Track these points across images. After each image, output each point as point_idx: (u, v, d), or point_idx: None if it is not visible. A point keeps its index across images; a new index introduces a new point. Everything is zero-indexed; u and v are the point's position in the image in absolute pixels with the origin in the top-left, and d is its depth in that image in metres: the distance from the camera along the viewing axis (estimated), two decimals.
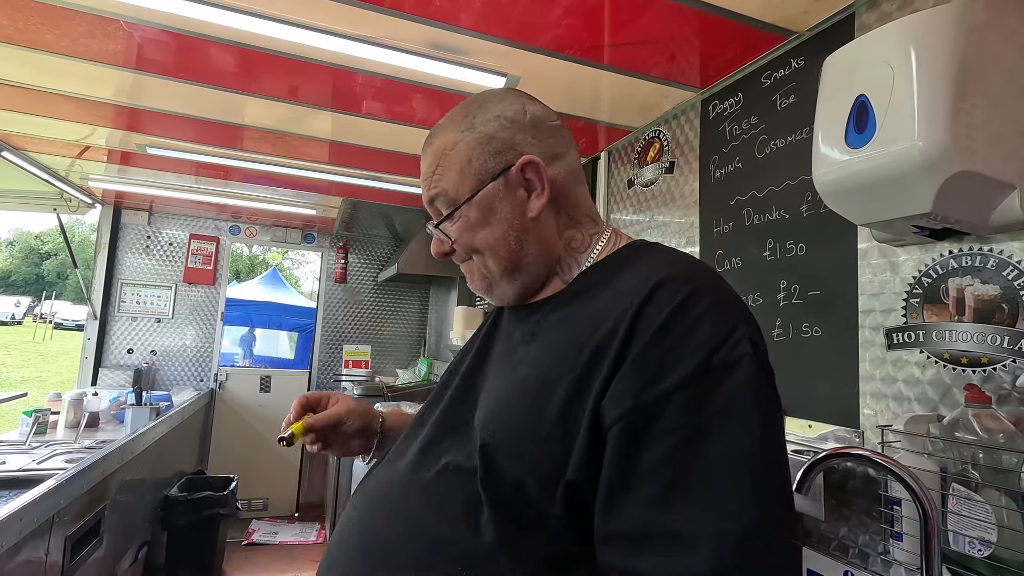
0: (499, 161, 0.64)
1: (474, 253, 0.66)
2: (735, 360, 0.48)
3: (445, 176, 0.65)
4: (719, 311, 0.51)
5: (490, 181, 0.64)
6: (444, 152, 0.66)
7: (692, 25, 1.34)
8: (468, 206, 0.64)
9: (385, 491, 0.63)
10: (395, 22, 1.37)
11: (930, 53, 0.82)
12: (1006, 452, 0.82)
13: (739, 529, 0.42)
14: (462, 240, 0.66)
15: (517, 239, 0.64)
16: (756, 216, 1.43)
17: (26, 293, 26.93)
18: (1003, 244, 0.92)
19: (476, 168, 0.64)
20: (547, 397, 0.53)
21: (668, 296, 0.51)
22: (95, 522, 1.90)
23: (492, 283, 0.67)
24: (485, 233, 0.64)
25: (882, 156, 0.85)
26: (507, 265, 0.65)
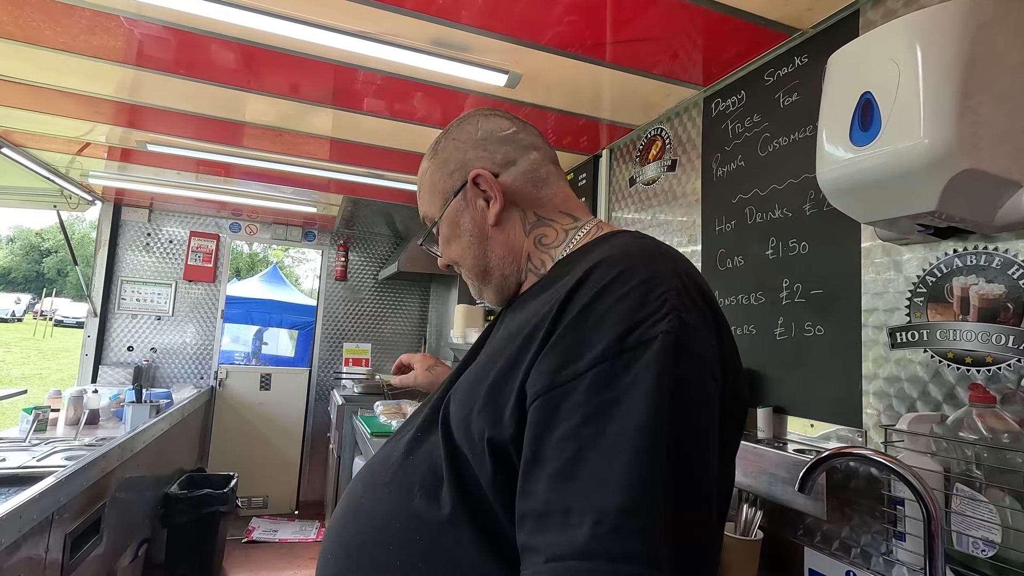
0: (455, 179, 0.72)
1: (454, 264, 0.75)
2: (650, 338, 0.47)
3: (423, 200, 0.76)
4: (645, 289, 0.50)
5: (452, 198, 0.72)
6: (421, 178, 0.76)
7: (695, 22, 1.33)
8: (441, 224, 0.74)
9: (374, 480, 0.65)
10: (397, 18, 1.36)
11: (936, 50, 0.81)
12: (1011, 452, 0.81)
13: (620, 505, 0.42)
14: (444, 254, 0.76)
15: (480, 246, 0.71)
16: (758, 214, 1.43)
17: (26, 290, 26.92)
18: (1008, 243, 0.92)
19: (440, 189, 0.73)
20: (486, 375, 0.56)
21: (598, 277, 0.52)
22: (95, 519, 1.90)
23: (480, 290, 0.75)
24: (455, 245, 0.73)
25: (887, 154, 0.84)
26: (477, 271, 0.72)
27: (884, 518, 1.01)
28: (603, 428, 0.45)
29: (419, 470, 0.59)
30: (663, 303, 0.49)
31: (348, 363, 4.13)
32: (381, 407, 2.88)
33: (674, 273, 0.52)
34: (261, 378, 4.14)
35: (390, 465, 0.63)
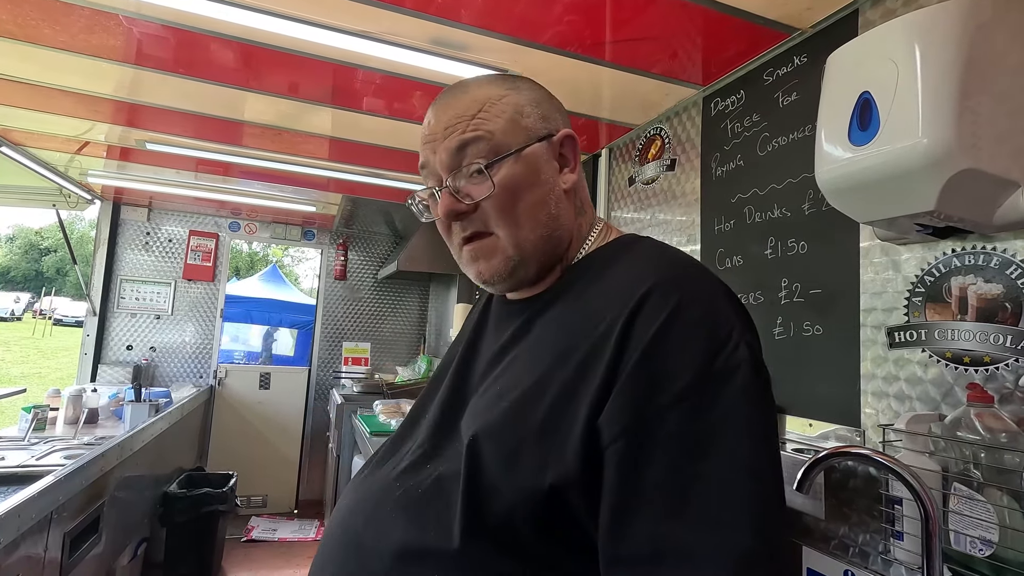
0: (545, 126, 0.62)
1: (505, 220, 0.59)
2: (733, 367, 0.46)
3: (491, 121, 0.59)
4: (713, 315, 0.49)
5: (536, 141, 0.61)
6: (488, 100, 0.60)
7: (694, 21, 1.33)
8: (516, 158, 0.59)
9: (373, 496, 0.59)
10: (396, 18, 1.36)
11: (935, 50, 0.81)
12: (1008, 452, 0.82)
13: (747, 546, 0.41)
14: (501, 199, 0.58)
15: (556, 204, 0.61)
16: (757, 214, 1.43)
17: (25, 289, 26.91)
18: (1007, 243, 0.92)
19: (527, 123, 0.61)
20: (534, 401, 0.51)
21: (660, 303, 0.49)
22: (94, 518, 1.90)
23: (518, 264, 0.60)
24: (530, 193, 0.59)
25: (886, 153, 0.84)
26: (544, 233, 0.60)
27: (882, 517, 1.01)
28: (706, 464, 0.43)
29: (432, 504, 0.53)
30: (732, 328, 0.49)
31: (347, 362, 4.13)
32: (380, 406, 2.88)
33: (726, 294, 0.53)
34: (260, 377, 4.14)
35: (393, 494, 0.57)
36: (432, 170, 0.63)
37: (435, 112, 0.63)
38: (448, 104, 0.62)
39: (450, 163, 0.60)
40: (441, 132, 0.61)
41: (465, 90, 0.62)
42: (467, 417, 0.57)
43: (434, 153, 0.62)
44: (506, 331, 0.63)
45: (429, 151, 0.62)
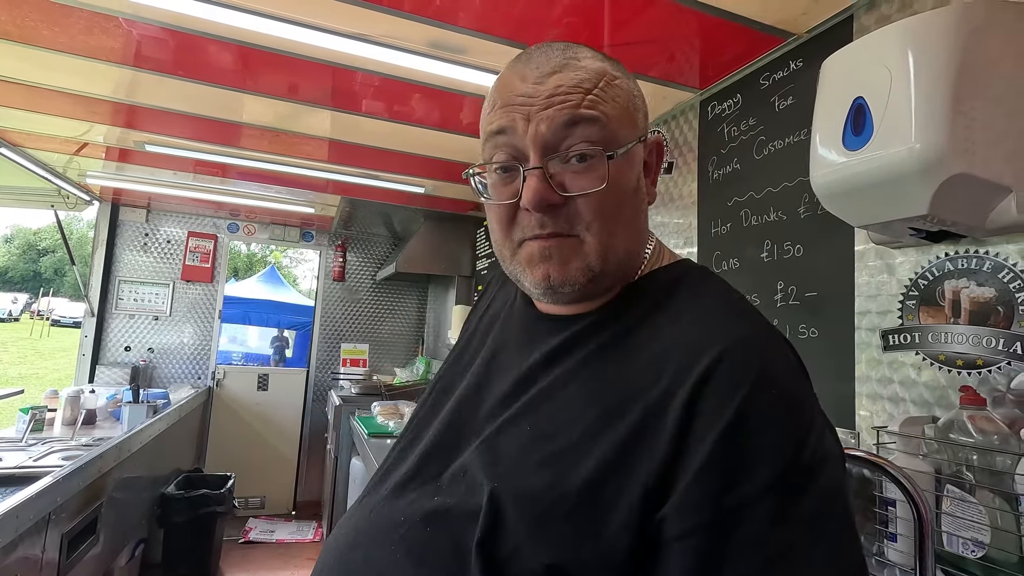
0: (643, 127, 0.53)
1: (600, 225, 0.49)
2: (822, 458, 0.40)
3: (608, 103, 0.49)
4: (796, 396, 0.43)
5: (638, 141, 0.51)
6: (605, 77, 0.50)
7: (691, 25, 1.34)
8: (627, 155, 0.50)
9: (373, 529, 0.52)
10: (395, 21, 1.37)
11: (928, 56, 0.82)
12: (1000, 454, 0.82)
13: None
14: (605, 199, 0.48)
15: (644, 218, 0.54)
16: (754, 217, 1.44)
17: (23, 290, 26.86)
18: (999, 247, 0.93)
19: (637, 119, 0.52)
20: (574, 462, 0.44)
21: (736, 375, 0.42)
22: (91, 519, 1.90)
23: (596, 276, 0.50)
24: (632, 200, 0.51)
25: (879, 158, 0.85)
26: (633, 248, 0.52)
27: (876, 519, 1.01)
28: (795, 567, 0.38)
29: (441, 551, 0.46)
30: (815, 412, 0.43)
31: (346, 364, 4.13)
32: (378, 408, 2.88)
33: (798, 363, 0.46)
34: (258, 378, 4.14)
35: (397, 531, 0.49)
36: (516, 141, 0.49)
37: (532, 70, 0.50)
38: (556, 66, 0.49)
39: (550, 140, 0.48)
40: (543, 98, 0.48)
41: (575, 55, 0.50)
42: (485, 453, 0.49)
43: (527, 120, 0.48)
44: (536, 350, 0.54)
45: (519, 116, 0.49)
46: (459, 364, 0.64)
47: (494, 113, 0.51)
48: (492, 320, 0.65)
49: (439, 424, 0.57)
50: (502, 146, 0.50)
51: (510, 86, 0.51)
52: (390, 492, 0.54)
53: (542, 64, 0.50)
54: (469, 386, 0.58)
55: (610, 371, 0.48)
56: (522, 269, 0.52)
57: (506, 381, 0.54)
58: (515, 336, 0.59)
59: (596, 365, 0.49)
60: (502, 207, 0.51)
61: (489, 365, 0.58)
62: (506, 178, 0.51)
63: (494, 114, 0.51)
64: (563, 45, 0.52)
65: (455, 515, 0.47)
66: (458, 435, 0.54)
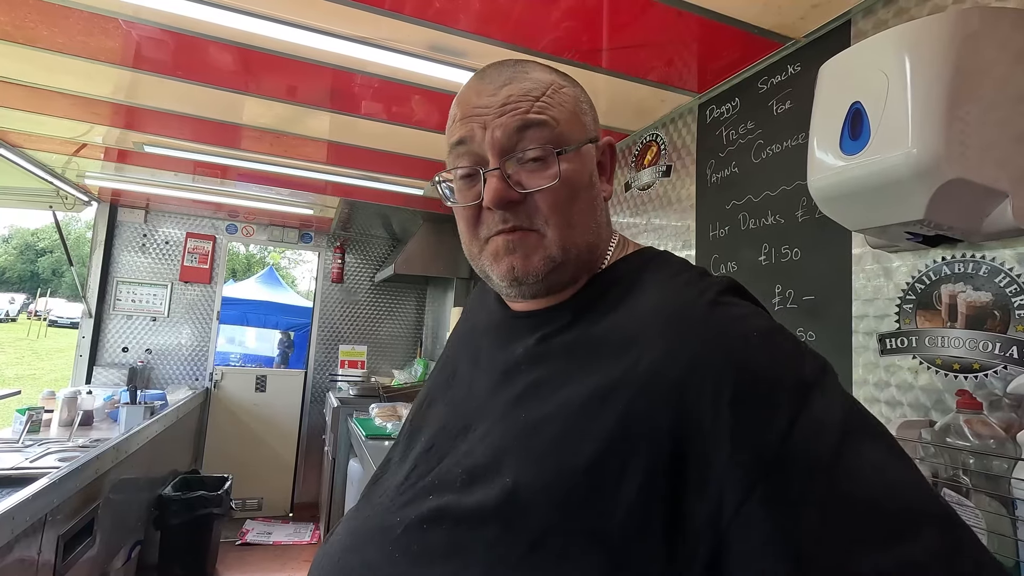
0: (595, 128, 0.59)
1: (557, 218, 0.53)
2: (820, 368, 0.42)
3: (556, 108, 0.54)
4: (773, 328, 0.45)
5: (589, 141, 0.56)
6: (552, 86, 0.55)
7: (690, 29, 1.34)
8: (576, 153, 0.54)
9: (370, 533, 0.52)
10: (394, 24, 1.37)
11: (924, 61, 0.83)
12: (996, 458, 0.83)
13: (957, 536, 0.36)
14: (559, 194, 0.52)
15: (600, 212, 0.58)
16: (752, 220, 1.44)
17: (21, 290, 26.80)
18: (995, 251, 0.93)
19: (585, 121, 0.57)
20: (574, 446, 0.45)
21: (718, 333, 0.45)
22: (88, 521, 1.89)
23: (556, 267, 0.54)
24: (585, 194, 0.55)
25: (876, 163, 0.86)
26: (591, 240, 0.56)
27: None
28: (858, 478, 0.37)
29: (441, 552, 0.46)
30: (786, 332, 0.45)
31: (344, 365, 4.13)
32: (376, 409, 2.88)
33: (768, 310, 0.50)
34: (256, 380, 4.14)
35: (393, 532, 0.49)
36: (476, 148, 0.54)
37: (486, 84, 0.55)
38: (507, 79, 0.54)
39: (505, 144, 0.53)
40: (496, 107, 0.53)
41: (524, 69, 0.55)
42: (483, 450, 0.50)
43: (484, 129, 0.53)
44: (517, 347, 0.56)
45: (476, 126, 0.53)
46: (445, 372, 0.66)
47: (455, 126, 0.56)
48: (472, 328, 0.68)
49: (431, 429, 0.59)
50: (464, 154, 0.55)
51: (468, 101, 0.55)
52: (386, 496, 0.55)
53: (495, 79, 0.55)
54: (458, 392, 0.60)
55: (591, 355, 0.50)
56: (489, 263, 0.56)
57: (492, 380, 0.56)
58: (494, 338, 0.61)
59: (578, 351, 0.51)
60: (468, 209, 0.56)
61: (474, 370, 0.61)
62: (469, 183, 0.55)
63: (455, 127, 0.56)
64: (514, 62, 0.57)
65: (453, 514, 0.47)
66: (452, 437, 0.55)
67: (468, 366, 0.62)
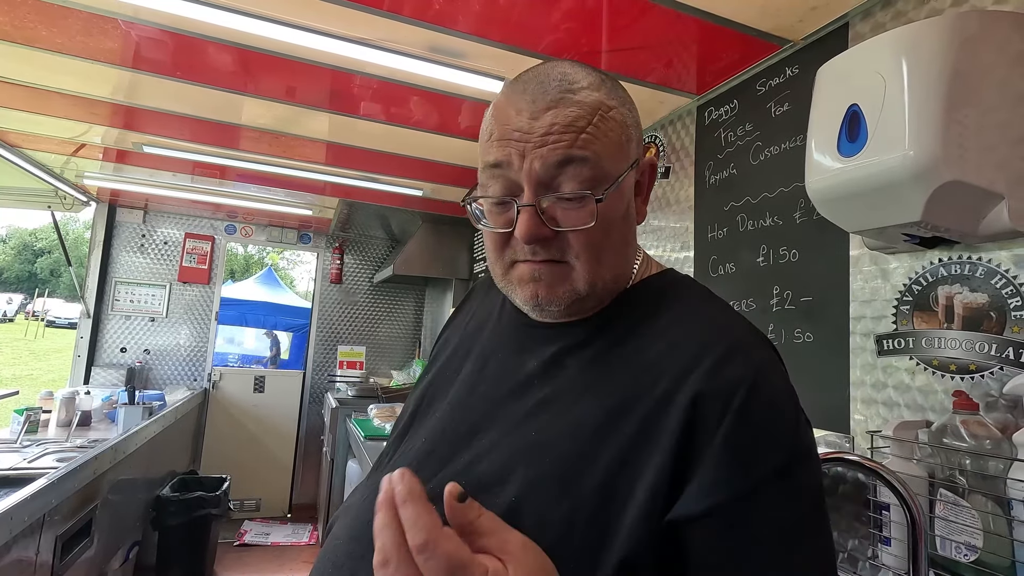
0: (637, 151, 0.55)
1: (588, 255, 0.51)
2: (809, 444, 0.47)
3: (600, 140, 0.50)
4: (786, 391, 0.48)
5: (629, 170, 0.53)
6: (600, 111, 0.50)
7: (689, 32, 1.35)
8: (617, 188, 0.51)
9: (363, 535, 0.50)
10: (394, 25, 1.37)
11: (922, 64, 0.83)
12: (992, 458, 0.83)
13: None
14: (594, 235, 0.50)
15: (632, 240, 0.57)
16: (750, 222, 1.45)
17: (19, 290, 26.73)
18: (992, 253, 0.94)
19: (630, 149, 0.53)
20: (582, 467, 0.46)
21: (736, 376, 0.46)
22: (86, 522, 1.89)
23: (580, 298, 0.53)
24: (620, 229, 0.53)
25: (873, 165, 0.86)
26: (620, 271, 0.55)
27: (870, 523, 1.02)
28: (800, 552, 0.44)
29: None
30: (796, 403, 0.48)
31: (342, 366, 4.13)
32: (375, 410, 2.88)
33: (781, 362, 0.52)
34: (255, 380, 4.13)
35: None
36: (512, 175, 0.50)
37: (528, 102, 0.50)
38: (551, 101, 0.50)
39: (543, 178, 0.50)
40: (538, 136, 0.49)
41: (571, 88, 0.50)
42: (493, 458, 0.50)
43: (522, 157, 0.50)
44: (531, 359, 0.55)
45: (515, 152, 0.50)
46: (446, 372, 0.64)
47: (491, 144, 0.52)
48: (478, 328, 0.66)
49: (429, 433, 0.57)
50: (498, 178, 0.52)
51: (506, 118, 0.51)
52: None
53: (538, 97, 0.50)
54: (460, 395, 0.59)
55: (608, 377, 0.50)
56: (513, 287, 0.55)
57: (501, 389, 0.55)
58: (507, 343, 0.60)
59: (594, 371, 0.51)
60: (496, 234, 0.54)
61: (481, 373, 0.59)
62: (502, 208, 0.53)
63: (491, 145, 0.52)
64: (560, 74, 0.52)
65: None
66: (452, 445, 0.54)
67: (474, 368, 0.60)
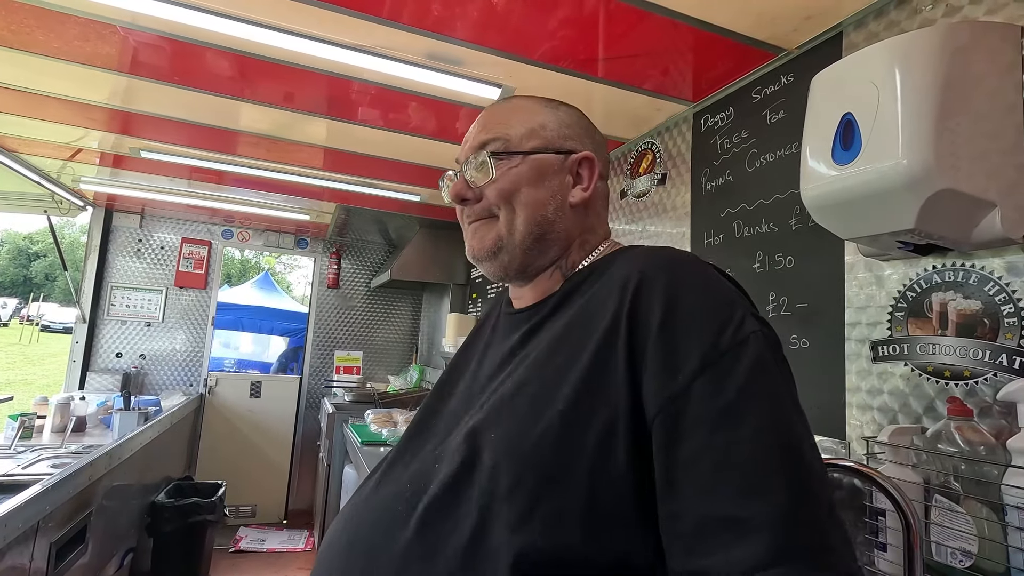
0: (567, 143, 0.68)
1: (504, 206, 0.66)
2: (741, 341, 0.48)
3: (513, 127, 0.68)
4: (712, 293, 0.52)
5: (552, 152, 0.67)
6: (520, 110, 0.69)
7: (685, 40, 1.36)
8: (524, 158, 0.66)
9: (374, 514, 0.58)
10: (392, 32, 1.38)
11: (914, 73, 0.84)
12: (987, 464, 0.83)
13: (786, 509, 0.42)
14: (501, 186, 0.66)
15: (554, 211, 0.67)
16: (746, 228, 1.45)
17: (13, 294, 26.59)
18: (985, 260, 0.94)
19: (547, 135, 0.68)
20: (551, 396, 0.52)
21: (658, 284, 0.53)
22: (80, 528, 1.88)
23: (504, 247, 0.66)
24: (529, 189, 0.66)
25: (867, 173, 0.87)
26: (535, 229, 0.66)
27: (866, 528, 1.02)
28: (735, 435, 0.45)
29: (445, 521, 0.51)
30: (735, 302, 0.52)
31: (339, 371, 4.12)
32: (372, 415, 2.87)
33: (718, 273, 0.56)
34: (251, 385, 4.12)
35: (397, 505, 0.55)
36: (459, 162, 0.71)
37: (479, 117, 0.72)
38: (490, 112, 0.71)
39: (467, 155, 0.69)
40: (475, 132, 0.70)
41: (509, 102, 0.72)
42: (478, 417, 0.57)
43: (463, 146, 0.71)
44: (512, 338, 0.65)
45: (463, 145, 0.71)
46: (459, 370, 0.73)
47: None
48: (483, 331, 0.77)
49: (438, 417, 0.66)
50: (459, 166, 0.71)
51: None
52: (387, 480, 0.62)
53: (486, 111, 0.72)
54: (468, 384, 0.68)
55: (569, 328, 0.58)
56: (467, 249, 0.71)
57: (490, 368, 0.66)
58: (499, 335, 0.70)
59: (558, 327, 0.60)
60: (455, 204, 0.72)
61: (481, 364, 0.69)
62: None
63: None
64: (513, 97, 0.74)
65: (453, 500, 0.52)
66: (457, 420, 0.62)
67: (477, 364, 0.69)
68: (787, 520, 0.41)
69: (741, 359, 0.47)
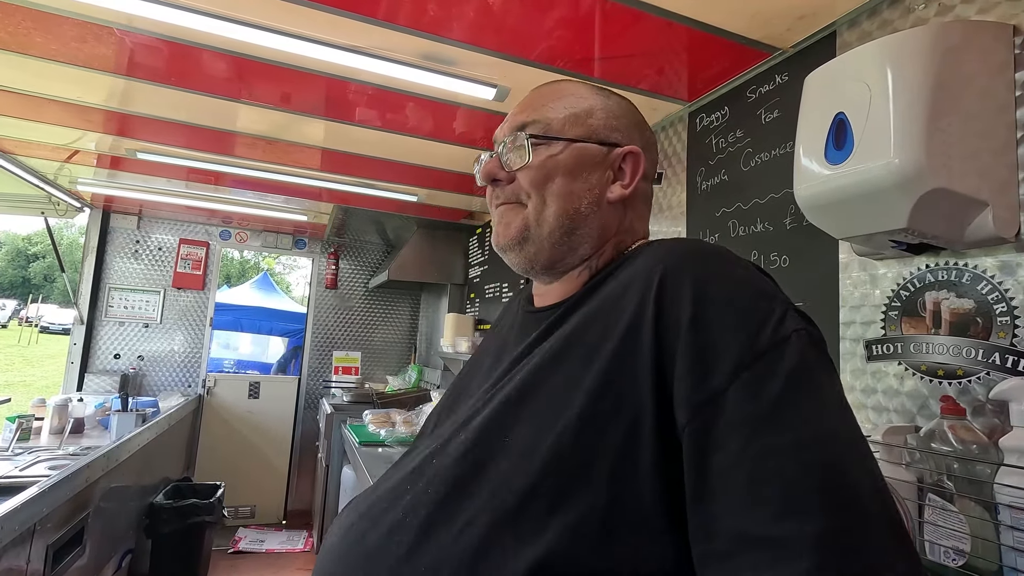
0: (613, 135, 0.64)
1: (535, 194, 0.62)
2: (782, 339, 0.44)
3: (555, 110, 0.64)
4: (747, 286, 0.48)
5: (595, 143, 0.63)
6: (568, 94, 0.65)
7: (680, 40, 1.36)
8: (565, 145, 0.62)
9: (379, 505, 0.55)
10: (388, 33, 1.38)
11: (906, 73, 0.84)
12: (979, 463, 0.84)
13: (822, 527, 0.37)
14: (535, 173, 0.62)
15: (588, 206, 0.62)
16: (741, 228, 1.46)
17: (12, 296, 26.56)
18: (977, 259, 0.95)
19: (593, 124, 0.63)
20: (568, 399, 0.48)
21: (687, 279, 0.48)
22: (78, 530, 1.88)
23: (530, 237, 0.62)
24: (565, 180, 0.62)
25: (860, 172, 0.87)
26: (565, 223, 0.62)
27: None
28: (773, 445, 0.40)
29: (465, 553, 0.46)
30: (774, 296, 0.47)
31: (338, 371, 4.12)
32: (370, 416, 2.87)
33: (755, 267, 0.51)
34: (250, 386, 4.12)
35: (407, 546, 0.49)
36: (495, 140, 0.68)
37: (526, 96, 0.68)
38: (536, 92, 0.67)
39: (505, 134, 0.66)
40: (516, 111, 0.66)
41: (558, 84, 0.67)
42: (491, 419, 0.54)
43: (503, 124, 0.67)
44: (530, 336, 0.61)
45: (503, 124, 0.67)
46: (474, 370, 0.71)
47: None
48: (500, 330, 0.75)
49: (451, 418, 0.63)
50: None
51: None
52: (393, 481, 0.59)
53: (532, 91, 0.68)
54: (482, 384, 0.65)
55: (590, 321, 0.54)
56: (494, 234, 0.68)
57: (507, 366, 0.61)
58: (517, 333, 0.67)
59: (580, 322, 0.56)
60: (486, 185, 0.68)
61: (496, 363, 0.66)
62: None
63: None
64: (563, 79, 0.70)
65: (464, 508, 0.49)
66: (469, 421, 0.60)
67: (492, 365, 0.66)
68: (825, 545, 0.37)
69: (781, 361, 0.43)
